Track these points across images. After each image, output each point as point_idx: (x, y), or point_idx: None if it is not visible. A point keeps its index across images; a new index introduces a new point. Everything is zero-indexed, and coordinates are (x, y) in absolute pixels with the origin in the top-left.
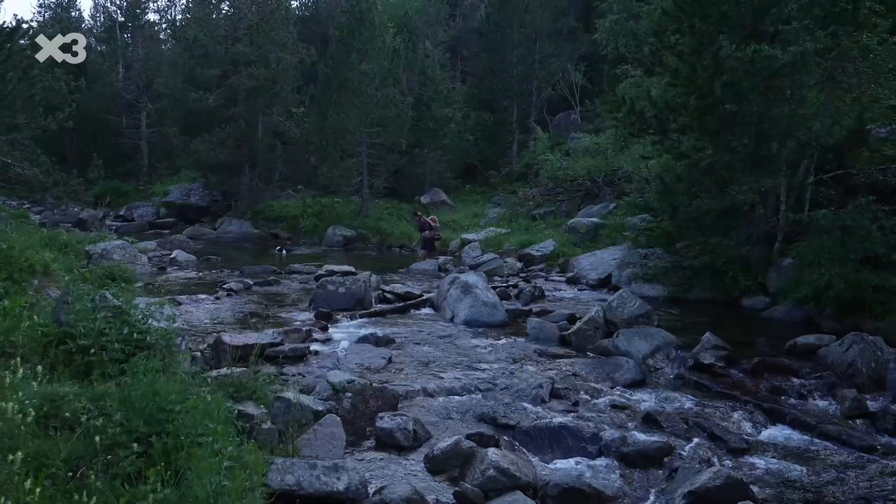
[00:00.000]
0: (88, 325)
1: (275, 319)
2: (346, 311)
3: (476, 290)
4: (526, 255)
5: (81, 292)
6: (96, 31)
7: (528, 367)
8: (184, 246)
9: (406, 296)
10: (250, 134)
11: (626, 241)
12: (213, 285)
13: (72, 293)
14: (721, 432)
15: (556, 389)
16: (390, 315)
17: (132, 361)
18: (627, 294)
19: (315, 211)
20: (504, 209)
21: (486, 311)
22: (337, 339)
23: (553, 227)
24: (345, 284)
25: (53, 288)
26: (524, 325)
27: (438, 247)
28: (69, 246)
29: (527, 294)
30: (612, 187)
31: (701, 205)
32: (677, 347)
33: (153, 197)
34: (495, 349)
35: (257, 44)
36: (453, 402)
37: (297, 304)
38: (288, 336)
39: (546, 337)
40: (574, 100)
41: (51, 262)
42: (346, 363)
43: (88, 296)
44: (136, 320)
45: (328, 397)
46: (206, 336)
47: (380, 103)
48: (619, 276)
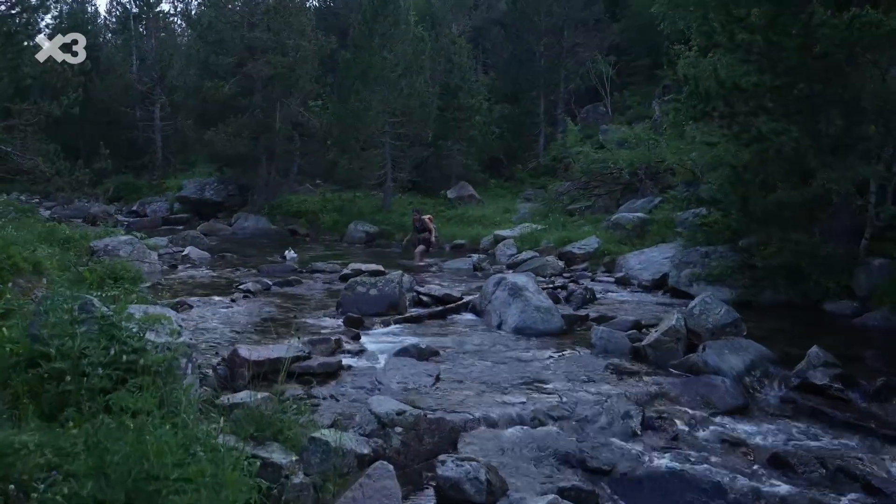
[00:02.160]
0: (65, 342)
1: (298, 326)
2: (379, 315)
3: (526, 292)
4: (567, 254)
5: (60, 298)
6: (110, 23)
7: (603, 388)
8: (197, 242)
9: (445, 298)
10: (268, 125)
11: (679, 238)
12: (228, 286)
13: (50, 299)
14: (880, 483)
15: (646, 418)
16: (428, 320)
17: (119, 395)
18: (711, 299)
19: (335, 206)
20: (537, 204)
21: (539, 318)
22: (371, 351)
23: (592, 223)
24: (376, 286)
25: (43, 290)
26: (584, 334)
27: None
28: (71, 241)
29: (578, 297)
30: (655, 180)
31: (780, 196)
32: (773, 363)
33: (167, 192)
34: (558, 364)
35: (275, 30)
36: (526, 437)
37: (322, 307)
38: (315, 347)
39: (615, 349)
40: (604, 90)
41: (44, 258)
42: (387, 382)
43: (68, 303)
44: (127, 336)
45: (373, 432)
46: (219, 347)
47: (404, 92)
48: (676, 276)
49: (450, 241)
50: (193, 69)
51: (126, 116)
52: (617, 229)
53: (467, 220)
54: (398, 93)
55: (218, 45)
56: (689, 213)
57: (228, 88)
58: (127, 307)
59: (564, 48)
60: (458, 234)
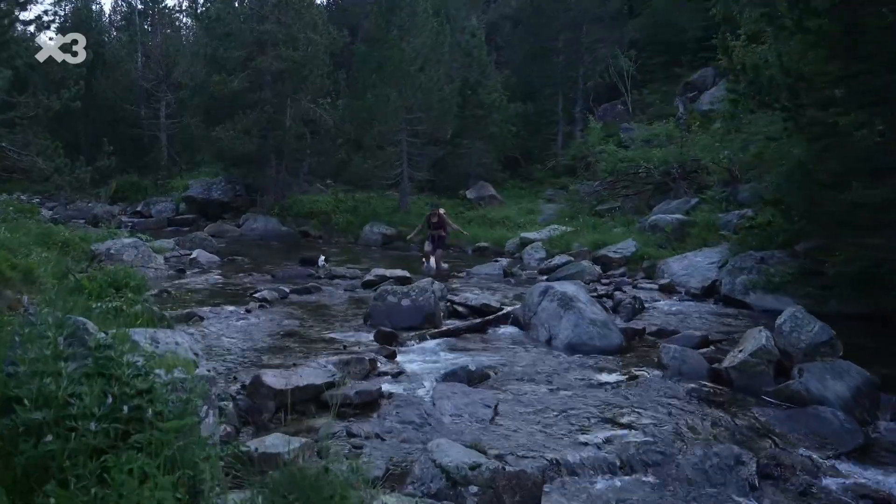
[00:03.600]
0: (47, 385)
1: (324, 342)
2: (412, 329)
3: (578, 303)
4: (601, 258)
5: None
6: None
7: (694, 422)
8: (205, 245)
9: (483, 309)
10: (278, 121)
11: (724, 241)
12: (241, 293)
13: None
14: None
15: (760, 465)
16: (465, 334)
17: (118, 456)
18: (802, 314)
19: (349, 206)
20: (562, 205)
21: (596, 333)
22: (412, 373)
23: (624, 225)
24: (409, 296)
25: (35, 302)
26: (646, 352)
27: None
28: (70, 244)
29: (626, 307)
30: (689, 180)
31: (855, 195)
32: (878, 388)
33: (172, 192)
34: (629, 390)
35: (285, 22)
36: (621, 492)
37: (347, 319)
38: (347, 369)
39: (691, 371)
40: (625, 88)
41: (36, 265)
42: (438, 416)
43: (52, 329)
44: (131, 375)
45: (441, 492)
46: (237, 370)
47: (423, 86)
48: (730, 283)
49: (472, 244)
50: (200, 65)
51: (130, 114)
52: (655, 232)
53: (489, 222)
54: (416, 87)
55: (226, 38)
56: (733, 214)
57: (237, 83)
58: (129, 333)
59: (583, 44)
60: (481, 236)
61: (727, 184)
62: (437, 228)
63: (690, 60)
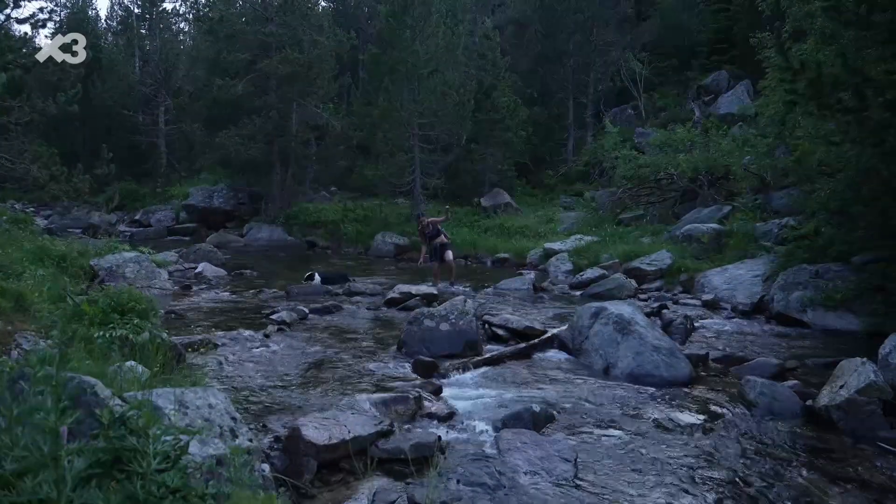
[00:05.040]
0: (43, 490)
1: (356, 374)
2: (453, 357)
3: (637, 327)
4: (634, 271)
5: (38, 383)
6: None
7: (812, 479)
8: (211, 257)
9: (526, 332)
10: (283, 127)
11: (763, 253)
12: (255, 313)
13: (17, 392)
14: None
15: None
16: (509, 360)
17: None
18: None
19: (358, 215)
20: (581, 212)
21: (661, 361)
22: (464, 413)
23: (651, 235)
24: (447, 319)
25: (29, 334)
26: (714, 382)
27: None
28: (68, 260)
29: (679, 328)
30: (716, 187)
31: None
32: None
33: (172, 200)
34: (721, 434)
35: (290, 24)
36: None
37: (376, 344)
38: (390, 410)
39: (783, 409)
40: (638, 91)
41: (28, 291)
42: (511, 475)
43: (52, 404)
44: (155, 468)
45: None
46: (265, 414)
47: (436, 90)
48: (784, 299)
49: (491, 255)
50: (201, 69)
51: (128, 120)
52: (690, 242)
53: (507, 231)
54: (430, 91)
55: (230, 40)
56: (772, 223)
57: (241, 87)
58: (152, 400)
59: (595, 47)
60: (500, 246)
61: (758, 191)
62: (435, 237)
63: (702, 64)
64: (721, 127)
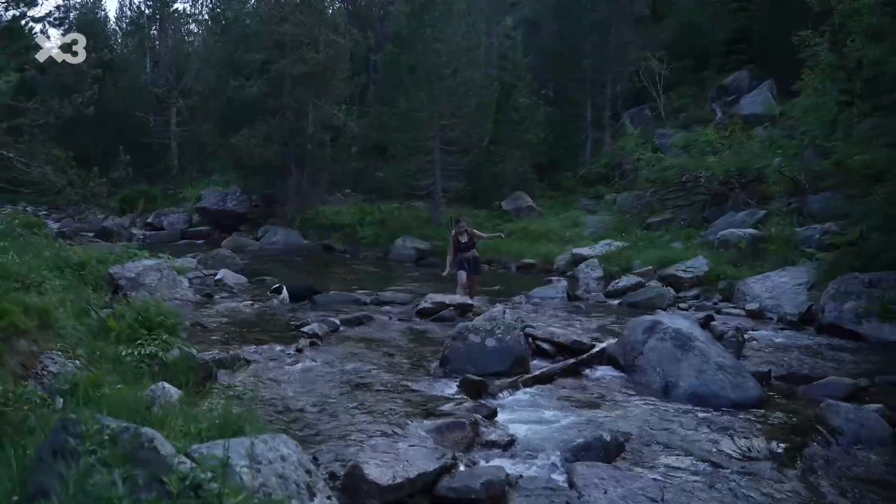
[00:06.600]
0: None
1: (400, 394)
2: (501, 375)
3: (697, 342)
4: (669, 278)
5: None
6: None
7: None
8: (229, 263)
9: (572, 346)
10: (299, 128)
11: (806, 259)
12: (283, 325)
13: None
14: None
15: None
16: (559, 377)
17: None
18: None
19: (375, 219)
20: (606, 216)
21: (728, 381)
22: (525, 441)
23: (682, 240)
24: (493, 334)
25: (55, 354)
26: (783, 404)
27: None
28: (87, 268)
29: (731, 341)
30: (747, 190)
31: None
32: None
33: (184, 202)
34: (808, 464)
35: (306, 23)
36: None
37: (415, 359)
38: (445, 438)
39: (871, 437)
40: (657, 92)
41: (52, 306)
42: None
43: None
44: None
45: None
46: (315, 445)
47: (458, 90)
48: (836, 310)
49: (516, 261)
50: (214, 69)
51: (140, 121)
52: (726, 248)
53: (531, 236)
54: (452, 91)
55: (244, 40)
56: (813, 229)
57: (256, 88)
58: (221, 455)
59: (612, 46)
60: (525, 251)
61: (792, 194)
62: (469, 248)
63: (720, 63)
64: (745, 128)
